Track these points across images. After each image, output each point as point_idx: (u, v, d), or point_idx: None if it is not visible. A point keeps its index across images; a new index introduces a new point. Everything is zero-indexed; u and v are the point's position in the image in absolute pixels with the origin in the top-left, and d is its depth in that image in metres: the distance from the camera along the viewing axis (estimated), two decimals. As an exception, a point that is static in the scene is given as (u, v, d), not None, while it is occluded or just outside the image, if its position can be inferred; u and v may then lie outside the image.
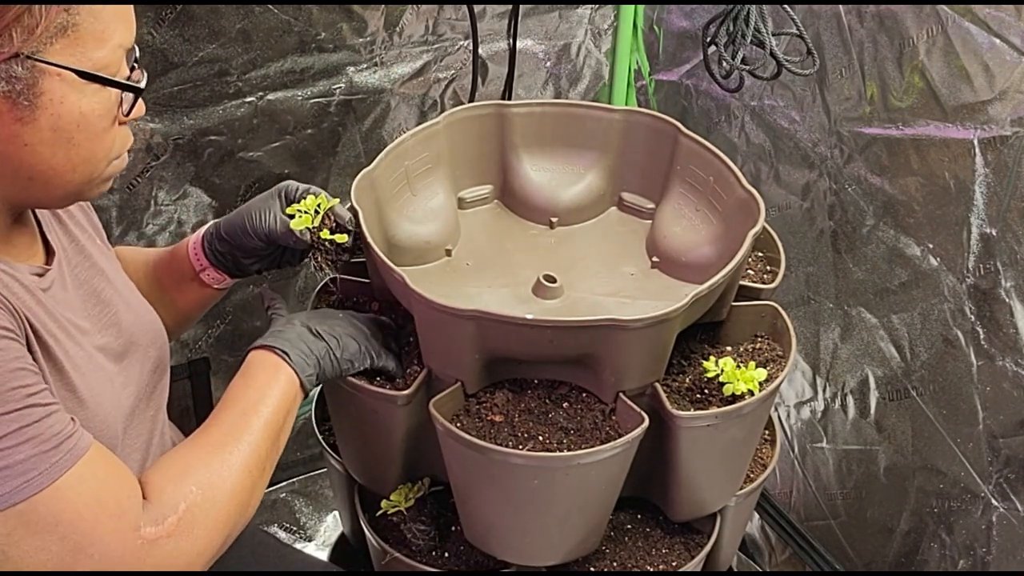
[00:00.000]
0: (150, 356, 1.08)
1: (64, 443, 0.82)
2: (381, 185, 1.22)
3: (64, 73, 0.83)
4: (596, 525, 1.15)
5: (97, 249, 1.06)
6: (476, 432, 1.07)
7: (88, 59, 0.85)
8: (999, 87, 1.24)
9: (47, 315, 0.90)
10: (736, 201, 1.18)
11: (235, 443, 0.95)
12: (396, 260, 1.11)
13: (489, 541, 1.17)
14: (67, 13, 0.83)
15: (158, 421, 1.10)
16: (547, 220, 1.35)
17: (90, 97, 0.86)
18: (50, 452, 0.81)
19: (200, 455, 0.93)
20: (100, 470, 0.85)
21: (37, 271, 0.93)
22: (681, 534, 1.26)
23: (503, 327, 1.02)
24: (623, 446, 1.04)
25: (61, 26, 0.82)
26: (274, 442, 0.99)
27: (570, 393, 1.13)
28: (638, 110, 1.33)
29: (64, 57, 0.83)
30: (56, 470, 0.81)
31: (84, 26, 0.84)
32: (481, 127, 1.33)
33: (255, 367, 1.03)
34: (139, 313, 1.08)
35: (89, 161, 0.89)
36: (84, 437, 0.85)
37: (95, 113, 0.87)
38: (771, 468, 1.31)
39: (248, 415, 0.97)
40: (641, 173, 1.33)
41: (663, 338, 1.07)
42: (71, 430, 0.84)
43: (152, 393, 1.09)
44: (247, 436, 0.96)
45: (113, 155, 0.92)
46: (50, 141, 0.85)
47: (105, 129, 0.89)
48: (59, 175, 0.88)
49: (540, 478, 1.04)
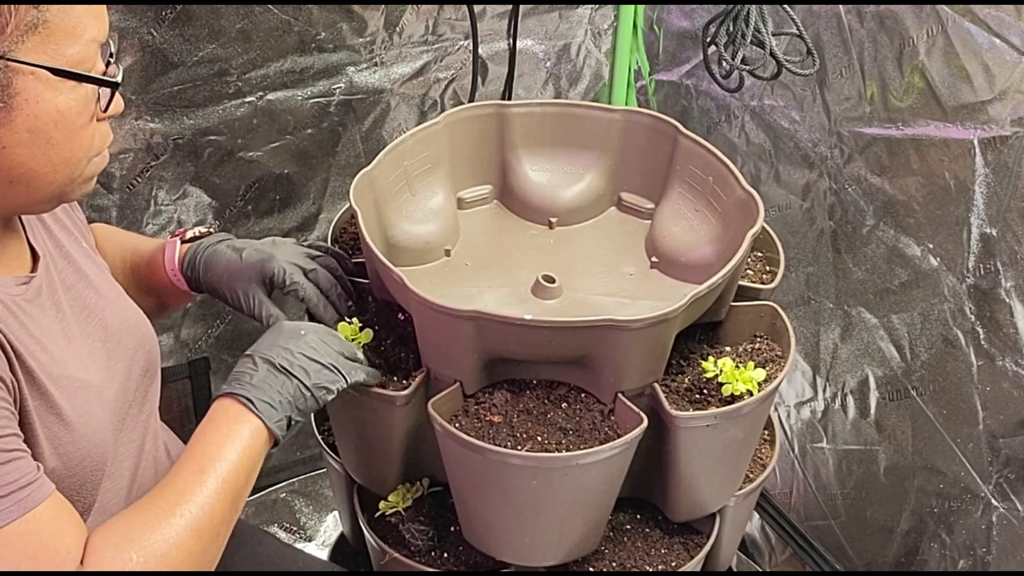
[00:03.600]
0: (138, 360, 1.05)
1: (16, 493, 0.80)
2: (380, 185, 1.22)
3: (38, 72, 0.81)
4: (595, 525, 1.15)
5: (82, 253, 1.04)
6: (475, 433, 1.07)
7: (61, 56, 0.83)
8: (999, 87, 1.24)
9: (28, 335, 0.88)
10: (735, 201, 1.18)
11: (186, 504, 0.89)
12: (395, 260, 1.11)
13: (488, 541, 1.17)
14: (36, 10, 0.81)
15: (150, 426, 1.09)
16: (546, 220, 1.35)
17: (66, 94, 0.84)
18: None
19: (147, 519, 0.88)
20: (46, 526, 0.82)
21: (23, 279, 0.91)
22: (680, 534, 1.26)
23: (502, 327, 1.02)
24: (622, 446, 1.04)
25: (31, 24, 0.80)
26: (233, 502, 0.93)
27: (569, 393, 1.13)
28: (638, 110, 1.33)
29: (36, 55, 0.81)
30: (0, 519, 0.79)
31: (55, 22, 0.82)
32: (481, 127, 1.33)
33: (218, 418, 0.97)
34: (125, 316, 1.06)
35: (69, 160, 0.87)
36: (39, 490, 0.82)
37: (72, 111, 0.85)
38: (771, 468, 1.31)
39: (204, 474, 0.91)
40: (641, 173, 1.33)
41: (662, 338, 1.07)
42: (28, 479, 0.81)
43: (144, 398, 1.07)
44: (200, 497, 0.90)
45: (93, 152, 0.90)
46: (28, 142, 0.83)
47: (83, 126, 0.87)
48: (40, 176, 0.86)
49: (539, 478, 1.04)
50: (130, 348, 1.04)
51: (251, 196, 1.66)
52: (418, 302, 1.04)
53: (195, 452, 0.94)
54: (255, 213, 1.68)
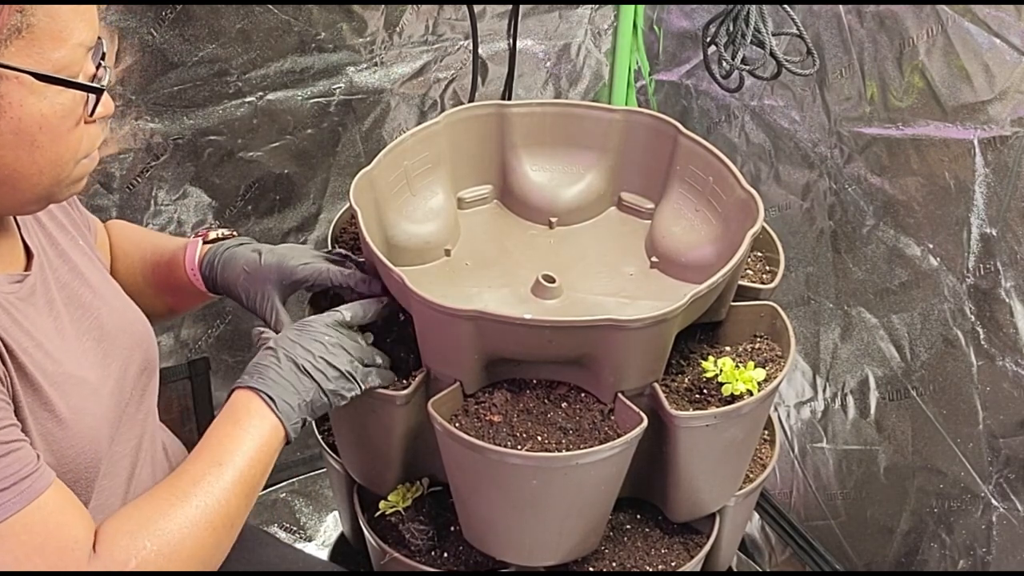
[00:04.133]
0: (135, 359, 1.04)
1: (17, 484, 0.80)
2: (380, 185, 1.22)
3: (22, 76, 0.80)
4: (595, 525, 1.15)
5: (79, 251, 1.04)
6: (475, 432, 1.07)
7: (47, 60, 0.82)
8: (999, 87, 1.24)
9: (21, 332, 0.87)
10: (735, 201, 1.18)
11: (203, 496, 0.89)
12: (395, 260, 1.11)
13: (488, 541, 1.17)
14: (21, 14, 0.79)
15: (148, 425, 1.08)
16: (546, 220, 1.35)
17: (51, 99, 0.83)
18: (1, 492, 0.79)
19: (162, 506, 0.87)
20: (51, 516, 0.82)
21: (16, 278, 0.91)
22: (680, 534, 1.26)
23: (501, 327, 1.02)
24: (622, 446, 1.04)
25: (15, 28, 0.79)
26: (247, 497, 0.93)
27: (569, 393, 1.13)
28: (638, 110, 1.32)
29: (21, 59, 0.80)
30: (2, 512, 0.79)
31: (40, 26, 0.81)
32: (481, 127, 1.33)
33: (239, 411, 0.96)
34: (122, 314, 1.05)
35: (55, 163, 0.86)
36: (41, 479, 0.82)
37: (57, 115, 0.84)
38: (771, 468, 1.31)
39: (223, 466, 0.91)
40: (641, 173, 1.33)
41: (662, 338, 1.07)
42: (29, 470, 0.81)
43: (141, 397, 1.06)
44: (216, 489, 0.90)
45: (81, 155, 0.89)
46: (12, 145, 0.83)
47: (69, 130, 0.86)
48: (25, 178, 0.85)
49: (539, 478, 1.04)
50: (126, 346, 1.03)
51: (251, 196, 1.66)
52: (418, 302, 1.04)
53: (212, 443, 0.94)
54: (255, 213, 1.68)
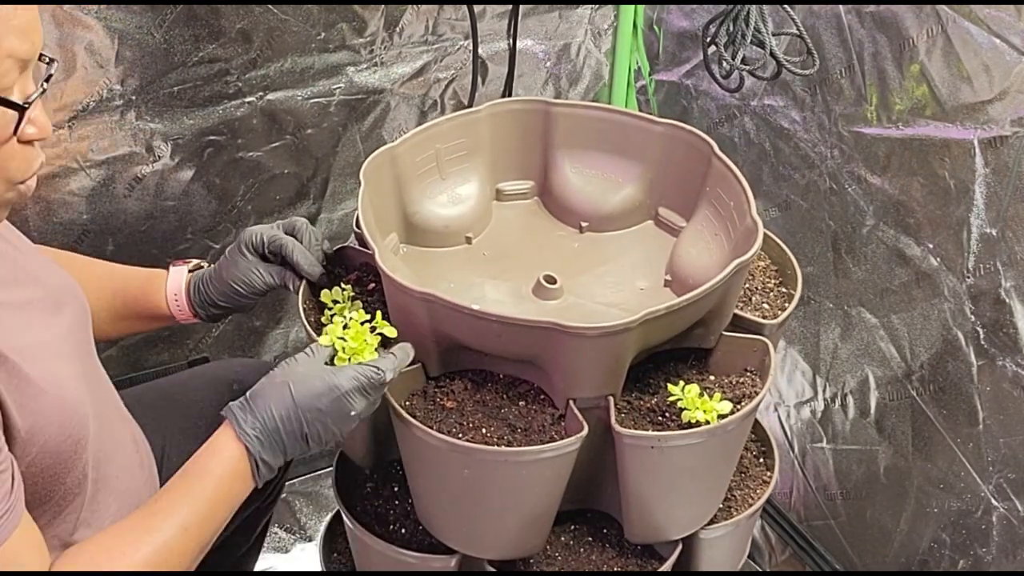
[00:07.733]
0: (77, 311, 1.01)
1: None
2: (405, 162, 1.22)
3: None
4: (536, 526, 1.15)
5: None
6: (423, 414, 1.09)
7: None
8: (999, 87, 1.24)
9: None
10: (744, 229, 1.15)
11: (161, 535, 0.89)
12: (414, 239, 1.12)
13: (432, 524, 1.19)
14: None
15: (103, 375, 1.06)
16: (578, 224, 1.34)
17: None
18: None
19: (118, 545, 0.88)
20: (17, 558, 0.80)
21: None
22: (639, 556, 1.24)
23: (451, 313, 1.03)
24: (555, 451, 1.04)
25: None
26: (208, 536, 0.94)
27: (529, 392, 1.13)
28: (679, 125, 1.28)
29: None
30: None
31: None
32: (525, 121, 1.33)
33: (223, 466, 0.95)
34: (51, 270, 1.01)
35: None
36: (11, 517, 0.80)
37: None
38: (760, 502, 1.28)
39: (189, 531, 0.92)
40: (678, 190, 1.30)
41: (613, 351, 1.05)
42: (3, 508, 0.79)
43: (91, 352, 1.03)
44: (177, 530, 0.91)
45: (15, 179, 0.82)
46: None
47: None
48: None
49: (471, 468, 1.05)
50: (69, 304, 0.99)
51: (251, 196, 1.66)
52: (384, 276, 1.05)
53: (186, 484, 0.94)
54: (255, 213, 1.68)
